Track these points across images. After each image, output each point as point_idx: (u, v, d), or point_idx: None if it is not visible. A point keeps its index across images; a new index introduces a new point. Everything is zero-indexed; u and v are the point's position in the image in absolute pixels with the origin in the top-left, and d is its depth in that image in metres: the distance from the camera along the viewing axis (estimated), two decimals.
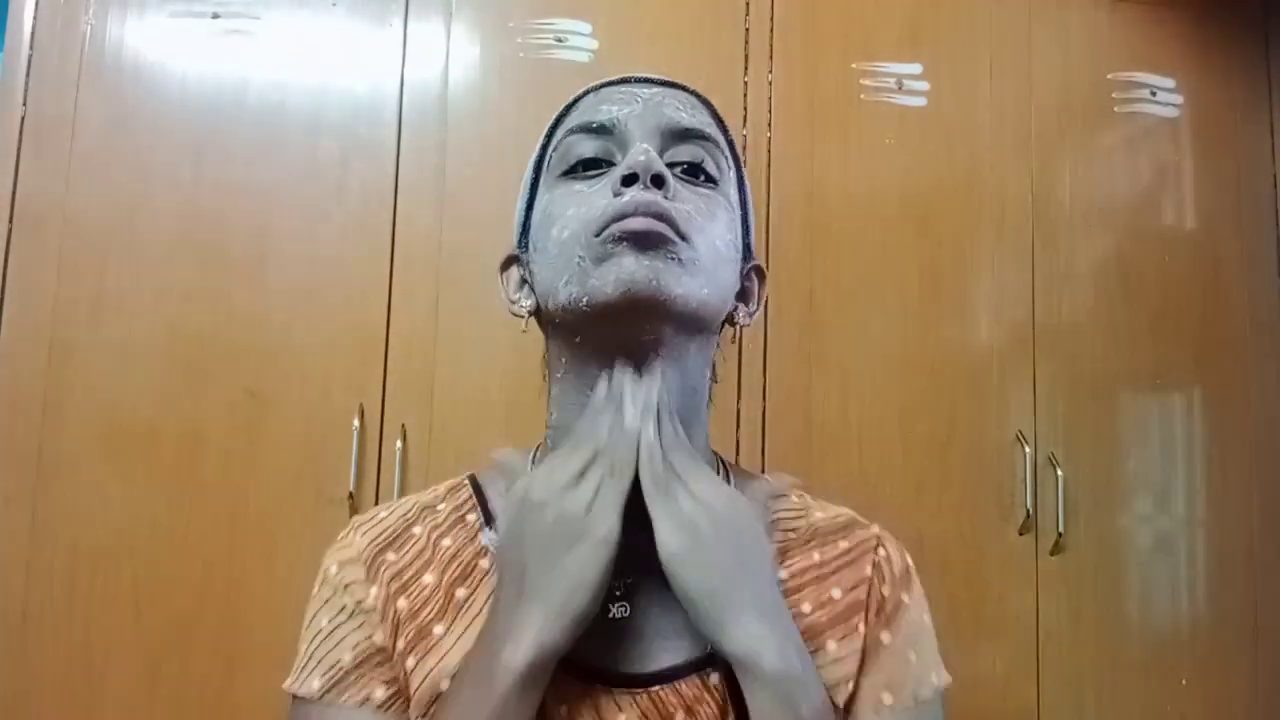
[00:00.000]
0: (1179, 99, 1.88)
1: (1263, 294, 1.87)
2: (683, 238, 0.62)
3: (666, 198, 0.63)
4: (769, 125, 1.73)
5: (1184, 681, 1.74)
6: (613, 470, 0.60)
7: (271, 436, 1.54)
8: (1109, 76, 1.86)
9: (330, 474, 1.54)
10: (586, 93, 0.71)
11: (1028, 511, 1.70)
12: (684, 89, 0.71)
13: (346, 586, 0.68)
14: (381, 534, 0.71)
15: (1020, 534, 1.71)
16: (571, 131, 0.68)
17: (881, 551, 0.71)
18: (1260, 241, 1.89)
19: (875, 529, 0.74)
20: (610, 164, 0.66)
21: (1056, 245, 1.79)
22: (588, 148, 0.67)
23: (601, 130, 0.67)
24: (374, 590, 0.67)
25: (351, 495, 1.53)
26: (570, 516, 0.58)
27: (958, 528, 1.69)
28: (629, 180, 0.63)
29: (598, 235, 0.62)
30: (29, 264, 1.54)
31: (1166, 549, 1.78)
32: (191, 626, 1.49)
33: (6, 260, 1.53)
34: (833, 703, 0.64)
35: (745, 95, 1.73)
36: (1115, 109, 1.86)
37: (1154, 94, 1.87)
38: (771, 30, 1.75)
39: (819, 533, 0.72)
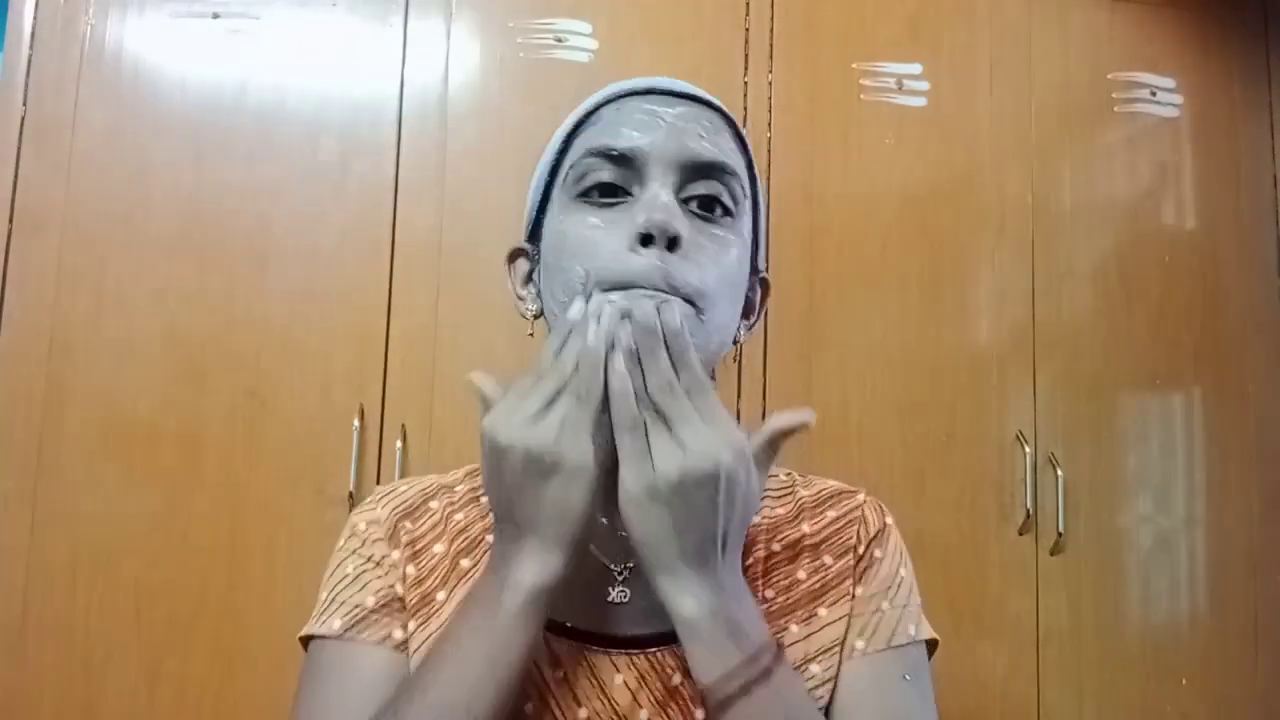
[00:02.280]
0: (1179, 99, 1.88)
1: (1263, 294, 1.87)
2: (690, 300, 0.63)
3: (678, 251, 0.62)
4: (769, 125, 1.73)
5: (1184, 681, 1.74)
6: (580, 395, 0.58)
7: (271, 436, 1.54)
8: (1109, 76, 1.86)
9: (330, 474, 1.54)
10: (609, 100, 0.69)
11: (1028, 511, 1.70)
12: (709, 105, 0.69)
13: (374, 541, 0.71)
14: (402, 504, 0.73)
15: (1020, 534, 1.71)
16: (591, 154, 0.67)
17: (861, 513, 0.74)
18: (1260, 241, 1.89)
19: (860, 496, 0.76)
20: (627, 193, 0.65)
21: (1056, 245, 1.79)
22: (606, 175, 0.66)
23: (621, 159, 0.65)
24: (395, 552, 0.70)
25: (351, 495, 1.53)
26: (539, 452, 0.57)
27: (958, 528, 1.69)
28: (645, 238, 0.62)
29: (606, 291, 0.62)
30: (29, 264, 1.54)
31: (1166, 549, 1.78)
32: (191, 626, 1.49)
33: (6, 260, 1.53)
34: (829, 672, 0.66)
35: (745, 95, 1.73)
36: (1115, 109, 1.86)
37: (1154, 94, 1.87)
38: (771, 30, 1.75)
39: (805, 506, 0.74)
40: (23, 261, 1.54)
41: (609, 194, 0.66)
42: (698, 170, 0.66)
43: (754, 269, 0.73)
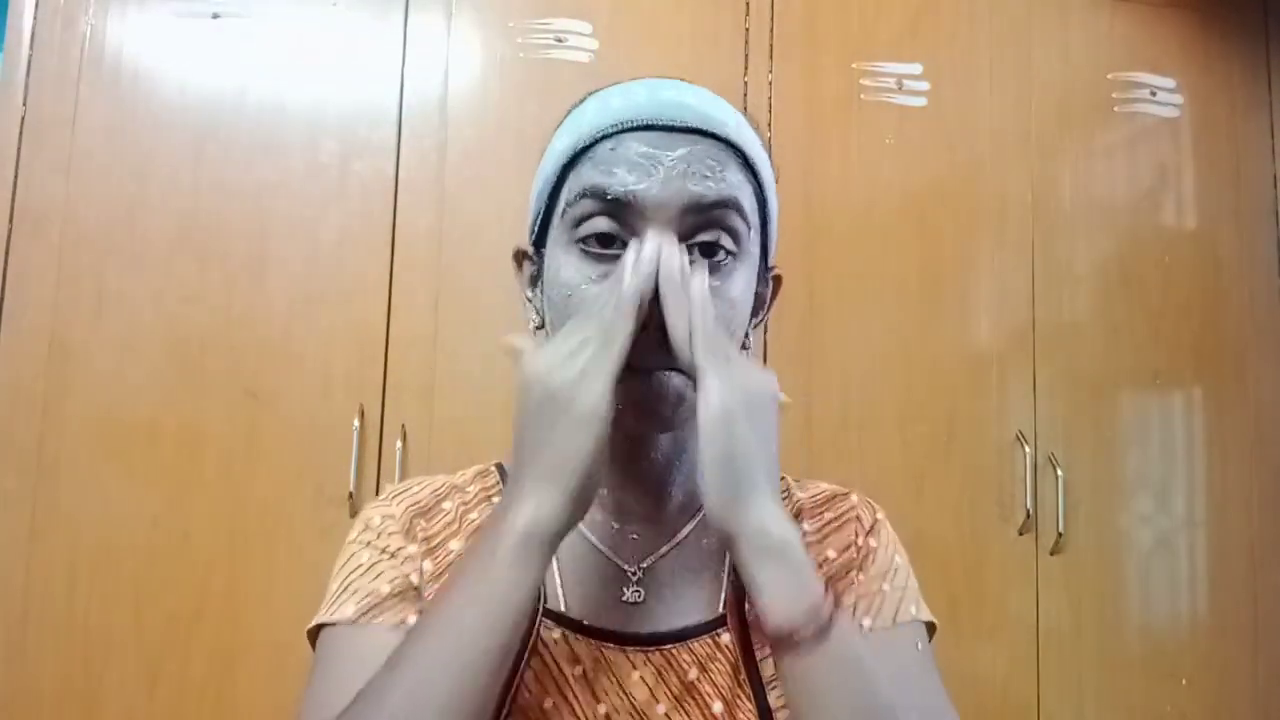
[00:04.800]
0: (1179, 99, 1.88)
1: (1263, 294, 1.87)
2: (683, 371, 0.62)
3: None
4: (769, 125, 1.73)
5: (1184, 681, 1.74)
6: (605, 340, 0.58)
7: (271, 436, 1.54)
8: (1109, 76, 1.86)
9: (330, 474, 1.54)
10: (608, 134, 0.66)
11: (1028, 511, 1.70)
12: (715, 136, 0.66)
13: (389, 534, 0.70)
14: (415, 503, 0.72)
15: (1020, 534, 1.71)
16: (587, 194, 0.64)
17: (855, 512, 0.75)
18: (1260, 241, 1.89)
19: (853, 497, 0.77)
20: (624, 243, 0.64)
21: (1056, 245, 1.79)
22: (603, 223, 0.64)
23: (616, 204, 0.63)
24: (411, 546, 0.69)
25: (351, 495, 1.53)
26: (557, 391, 0.57)
27: (958, 528, 1.69)
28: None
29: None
30: (29, 264, 1.54)
31: (1166, 549, 1.78)
32: (191, 626, 1.49)
33: (6, 260, 1.53)
34: None
35: (745, 95, 1.73)
36: (1115, 109, 1.86)
37: (1154, 94, 1.87)
38: (771, 30, 1.75)
39: (804, 508, 0.75)
40: (23, 261, 1.54)
41: (607, 243, 0.64)
42: (699, 212, 0.64)
43: (765, 270, 0.73)
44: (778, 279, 0.76)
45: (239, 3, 1.64)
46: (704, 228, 0.64)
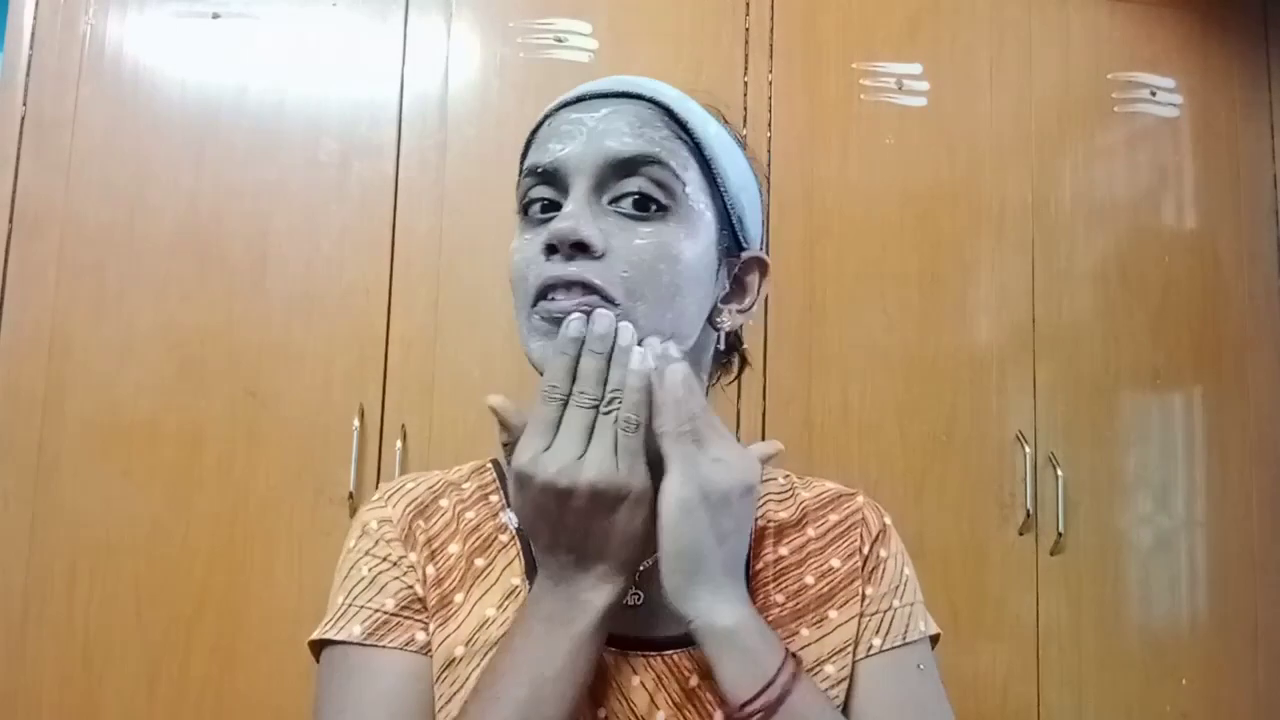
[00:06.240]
0: (1179, 99, 1.88)
1: (1263, 294, 1.87)
2: (613, 301, 0.62)
3: (595, 257, 0.62)
4: (769, 125, 1.73)
5: (1184, 681, 1.74)
6: (630, 425, 0.59)
7: (271, 436, 1.54)
8: (1109, 76, 1.86)
9: (330, 474, 1.54)
10: (551, 112, 0.70)
11: (1028, 511, 1.70)
12: (640, 98, 0.67)
13: (389, 541, 0.70)
14: (413, 502, 0.72)
15: (1020, 534, 1.71)
16: (526, 173, 0.68)
17: (861, 515, 0.74)
18: (1260, 241, 1.89)
19: (860, 499, 0.76)
20: (558, 207, 0.65)
21: (1056, 245, 1.79)
22: (539, 192, 0.66)
23: (545, 175, 0.66)
24: (412, 554, 0.69)
25: (351, 495, 1.53)
26: (605, 487, 0.58)
27: (958, 528, 1.69)
28: (550, 249, 0.63)
29: (533, 306, 0.64)
30: (29, 264, 1.54)
31: (1166, 549, 1.78)
32: (191, 626, 1.49)
33: (6, 260, 1.53)
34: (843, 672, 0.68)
35: (745, 95, 1.73)
36: (1115, 109, 1.86)
37: (1154, 94, 1.87)
38: (771, 30, 1.75)
39: (809, 510, 0.74)
40: (23, 261, 1.54)
41: (546, 210, 0.66)
42: (618, 168, 0.64)
43: (737, 249, 0.71)
44: (762, 264, 0.72)
45: (239, 3, 1.64)
46: (624, 179, 0.65)
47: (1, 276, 1.53)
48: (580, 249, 0.62)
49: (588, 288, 0.61)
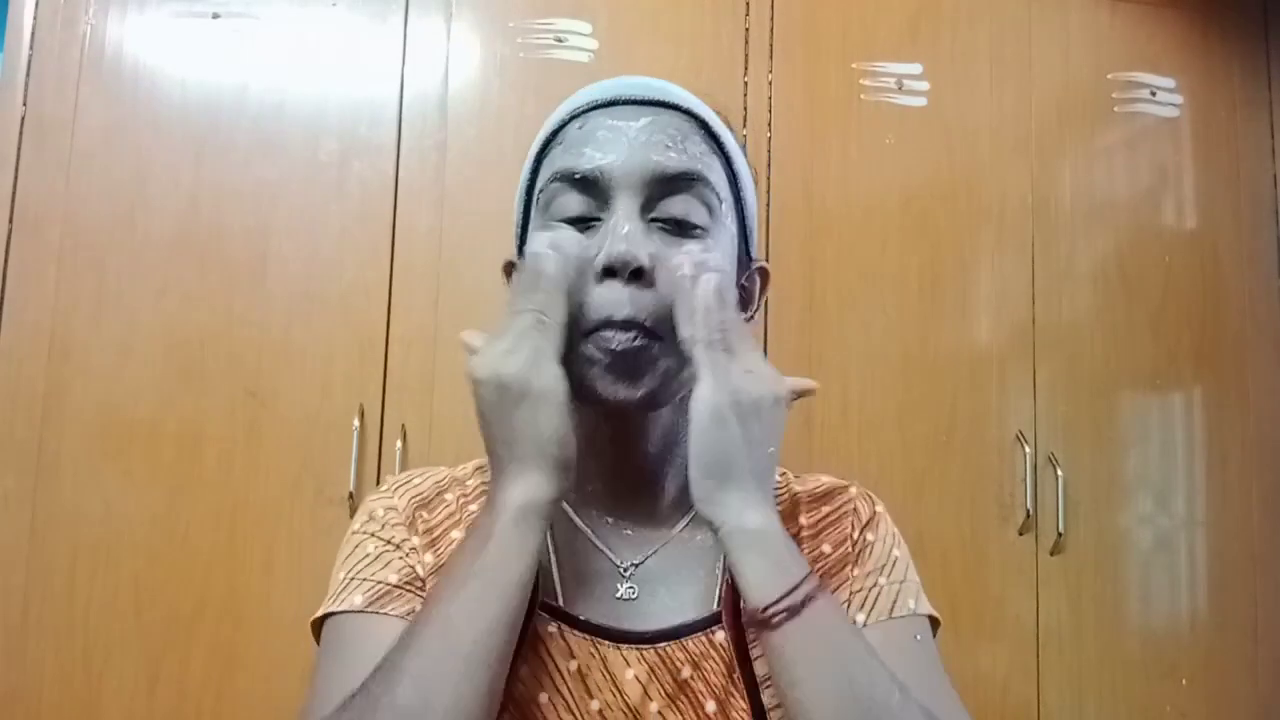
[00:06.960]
0: (1179, 99, 1.88)
1: (1263, 294, 1.87)
2: (659, 337, 0.63)
3: (648, 285, 0.63)
4: (769, 125, 1.73)
5: (1184, 681, 1.74)
6: (542, 325, 0.61)
7: (271, 436, 1.54)
8: (1109, 76, 1.86)
9: (330, 474, 1.54)
10: (574, 115, 0.69)
11: (1028, 511, 1.70)
12: (677, 108, 0.68)
13: (393, 525, 0.70)
14: (417, 495, 0.73)
15: (1020, 534, 1.71)
16: (556, 178, 0.66)
17: (853, 505, 0.75)
18: (1260, 241, 1.89)
19: (852, 489, 0.77)
20: (595, 219, 0.65)
21: (1056, 245, 1.79)
22: (572, 203, 0.66)
23: (585, 183, 0.65)
24: (414, 538, 0.70)
25: (351, 495, 1.53)
26: (507, 381, 0.60)
27: (958, 528, 1.69)
28: (609, 270, 0.63)
29: (587, 335, 0.64)
30: (29, 264, 1.54)
31: (1166, 549, 1.78)
32: (191, 626, 1.49)
33: (6, 260, 1.53)
34: None
35: (745, 95, 1.73)
36: (1115, 109, 1.86)
37: (1154, 94, 1.87)
38: (771, 30, 1.75)
39: (801, 501, 0.75)
40: (23, 261, 1.54)
41: (578, 222, 0.66)
42: (666, 184, 0.65)
43: (747, 259, 0.72)
44: (764, 273, 0.75)
45: (239, 3, 1.64)
46: (671, 198, 0.65)
47: (1, 276, 1.53)
48: (637, 275, 0.63)
49: (636, 325, 0.63)
